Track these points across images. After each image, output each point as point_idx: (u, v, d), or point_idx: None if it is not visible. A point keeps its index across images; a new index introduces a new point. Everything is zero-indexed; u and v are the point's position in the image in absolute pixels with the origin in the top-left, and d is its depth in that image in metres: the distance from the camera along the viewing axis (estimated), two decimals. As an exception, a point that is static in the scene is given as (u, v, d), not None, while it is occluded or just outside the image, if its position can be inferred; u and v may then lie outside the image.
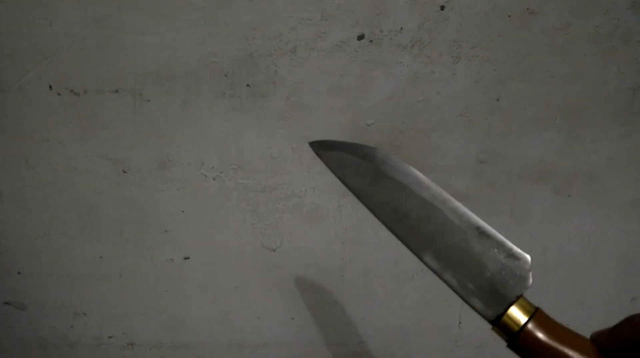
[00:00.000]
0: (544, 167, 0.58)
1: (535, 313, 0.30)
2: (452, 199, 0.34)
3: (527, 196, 0.59)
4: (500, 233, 0.33)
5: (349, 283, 0.63)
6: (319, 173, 0.56)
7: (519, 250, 0.33)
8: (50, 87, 0.52)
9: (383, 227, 0.34)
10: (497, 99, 0.54)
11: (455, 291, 0.32)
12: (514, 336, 0.30)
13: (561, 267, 0.63)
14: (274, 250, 0.61)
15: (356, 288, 0.64)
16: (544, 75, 0.53)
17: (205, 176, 0.57)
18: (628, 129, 0.56)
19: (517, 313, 0.30)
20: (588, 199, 0.60)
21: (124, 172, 0.56)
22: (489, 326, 0.31)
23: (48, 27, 0.49)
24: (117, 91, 0.52)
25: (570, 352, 0.28)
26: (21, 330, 0.65)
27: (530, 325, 0.29)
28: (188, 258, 0.61)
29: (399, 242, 0.34)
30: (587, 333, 0.30)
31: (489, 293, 0.32)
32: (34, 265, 0.61)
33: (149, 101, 0.53)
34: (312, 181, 0.57)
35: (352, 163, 0.36)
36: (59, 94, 0.52)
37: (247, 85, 0.52)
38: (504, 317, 0.30)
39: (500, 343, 0.31)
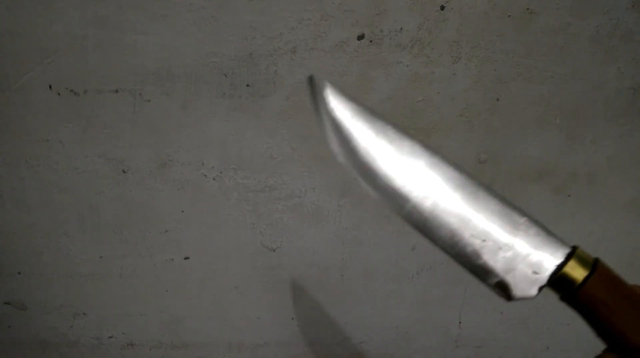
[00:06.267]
0: (544, 167, 0.58)
1: (596, 265, 0.28)
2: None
3: (527, 196, 0.59)
4: None
5: (349, 283, 0.63)
6: (319, 173, 0.56)
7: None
8: (50, 87, 0.52)
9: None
10: (497, 99, 0.54)
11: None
12: (574, 290, 0.27)
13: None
14: (274, 250, 0.61)
15: (356, 288, 0.64)
16: (544, 75, 0.53)
17: (205, 176, 0.57)
18: (628, 129, 0.56)
19: (578, 264, 0.27)
20: (588, 199, 0.59)
21: (124, 172, 0.56)
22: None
23: (48, 27, 0.49)
24: (117, 91, 0.52)
25: (633, 309, 0.26)
26: (21, 330, 0.65)
27: (594, 279, 0.27)
28: (188, 258, 0.61)
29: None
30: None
31: (546, 244, 0.29)
32: (34, 265, 0.61)
33: (149, 101, 0.53)
34: (312, 181, 0.57)
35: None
36: (59, 94, 0.52)
37: (247, 85, 0.52)
38: (565, 268, 0.27)
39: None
